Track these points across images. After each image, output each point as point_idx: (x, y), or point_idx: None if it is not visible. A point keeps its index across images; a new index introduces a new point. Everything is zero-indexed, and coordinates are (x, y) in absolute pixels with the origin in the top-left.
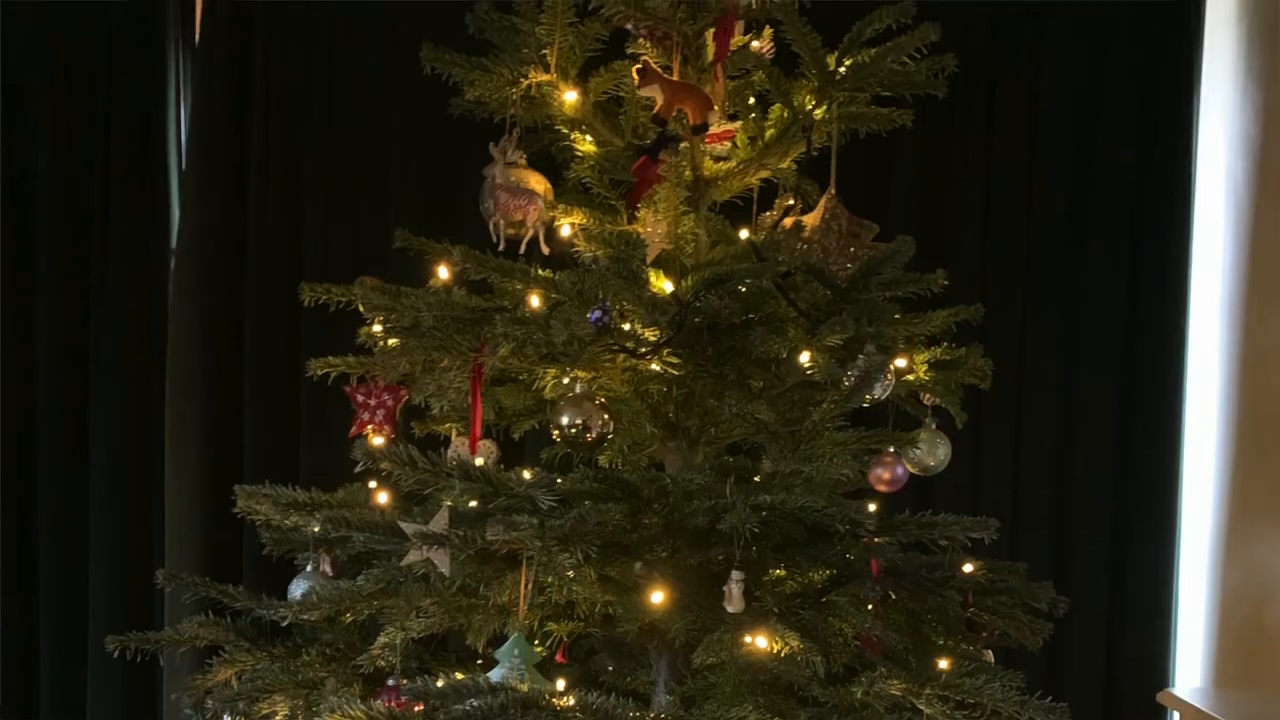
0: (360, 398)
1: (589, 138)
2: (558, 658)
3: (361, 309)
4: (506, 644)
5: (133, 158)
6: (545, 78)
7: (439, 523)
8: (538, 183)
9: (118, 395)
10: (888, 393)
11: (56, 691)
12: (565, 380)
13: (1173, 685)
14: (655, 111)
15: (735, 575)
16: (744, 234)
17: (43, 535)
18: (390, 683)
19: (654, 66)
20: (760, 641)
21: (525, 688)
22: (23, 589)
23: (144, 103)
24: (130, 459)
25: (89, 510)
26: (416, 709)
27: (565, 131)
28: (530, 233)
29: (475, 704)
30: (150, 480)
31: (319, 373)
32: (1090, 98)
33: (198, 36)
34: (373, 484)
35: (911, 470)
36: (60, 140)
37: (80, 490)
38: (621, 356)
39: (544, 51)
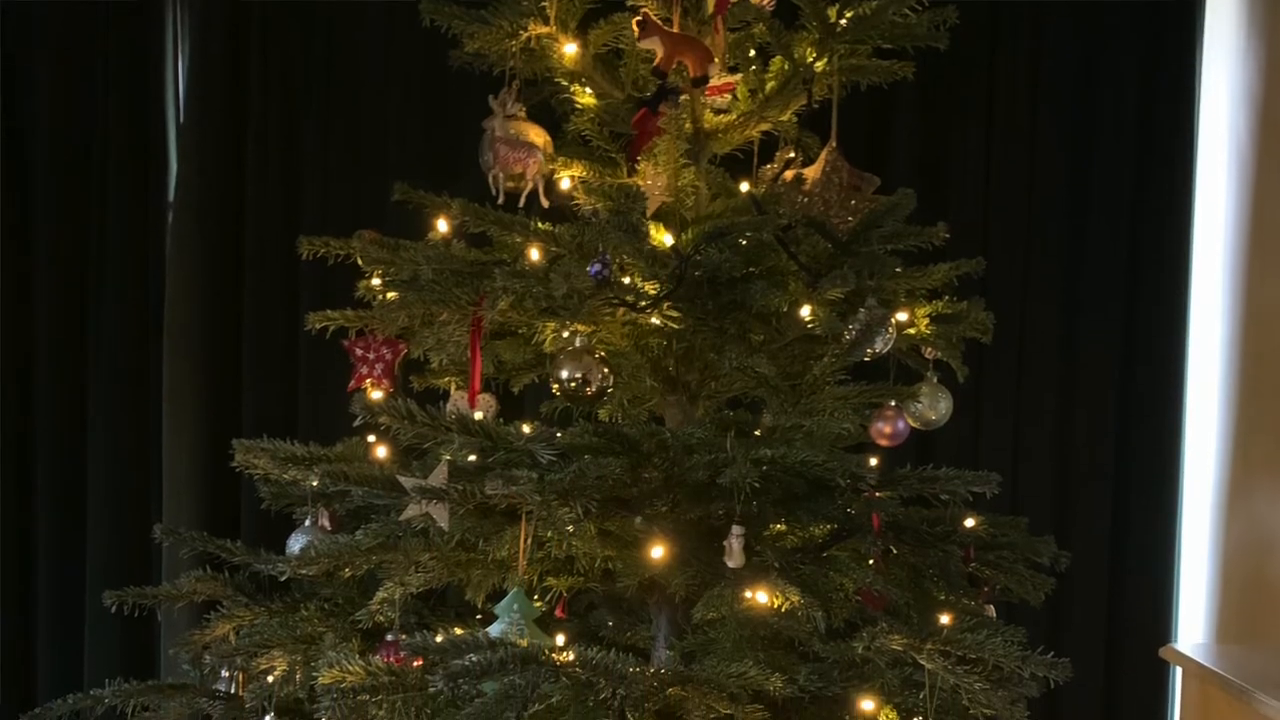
0: (359, 351)
1: (589, 90)
2: (557, 613)
3: (360, 262)
4: (506, 599)
5: (130, 111)
6: (545, 30)
7: (438, 477)
8: (537, 135)
9: (115, 352)
10: (889, 346)
11: (54, 649)
12: (565, 334)
13: (1175, 641)
14: (655, 64)
15: (735, 530)
16: (744, 187)
17: (40, 497)
18: (389, 638)
19: (654, 19)
20: (760, 596)
21: (524, 643)
22: (21, 549)
23: (141, 56)
24: (128, 418)
25: (87, 469)
26: (415, 664)
27: (565, 84)
28: (530, 186)
29: (474, 659)
30: (149, 439)
31: (317, 326)
32: (1092, 51)
33: None
34: (371, 438)
35: (913, 424)
36: (57, 97)
37: (78, 449)
38: (621, 310)
39: (543, 4)
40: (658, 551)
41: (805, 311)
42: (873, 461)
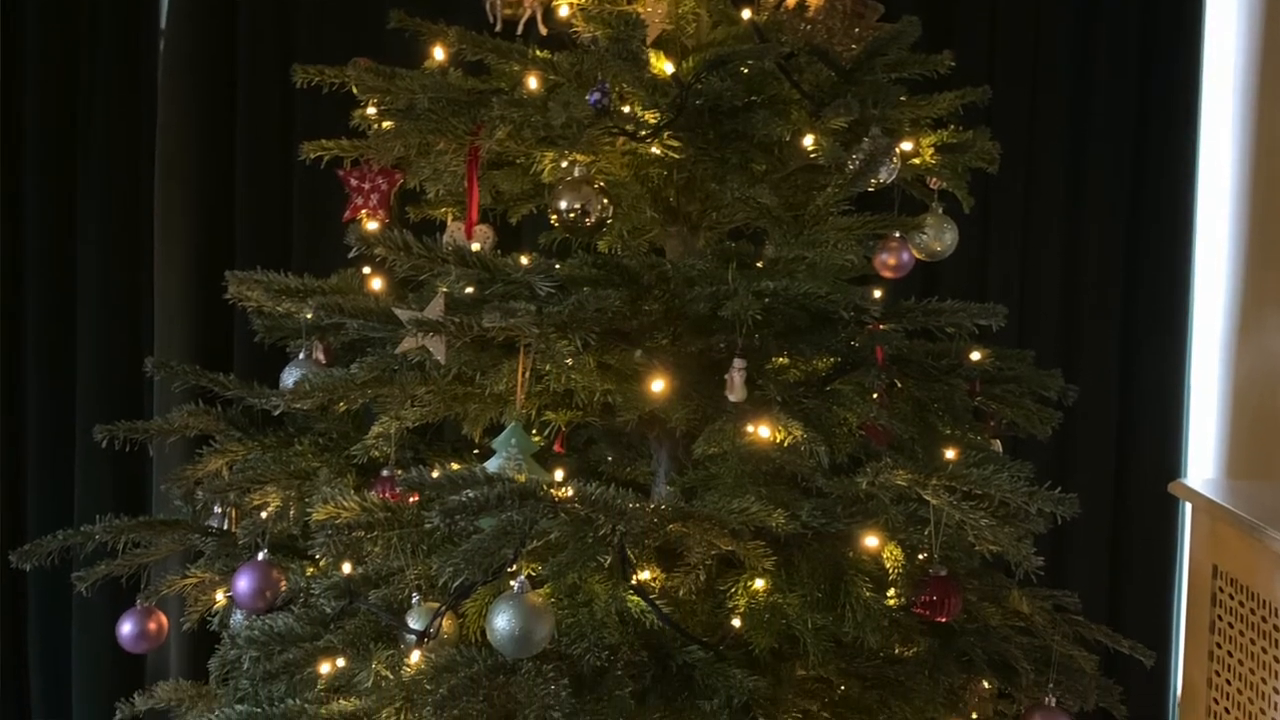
0: (354, 181)
1: None
2: (555, 447)
3: (355, 91)
4: (503, 433)
5: None
6: None
7: (434, 309)
8: None
9: (106, 182)
10: (893, 176)
11: (43, 485)
12: (563, 164)
13: (1184, 476)
14: None
15: (737, 363)
16: (746, 14)
17: (29, 330)
18: (384, 473)
19: None
20: (762, 431)
21: (522, 478)
22: (9, 383)
23: None
24: (119, 251)
25: (76, 301)
26: (411, 500)
27: None
28: (527, 13)
29: (471, 495)
30: (140, 271)
31: (312, 156)
32: None
33: None
34: (367, 269)
35: (918, 256)
36: None
37: (68, 281)
38: (621, 139)
39: None
40: (658, 385)
41: (808, 141)
42: (877, 294)
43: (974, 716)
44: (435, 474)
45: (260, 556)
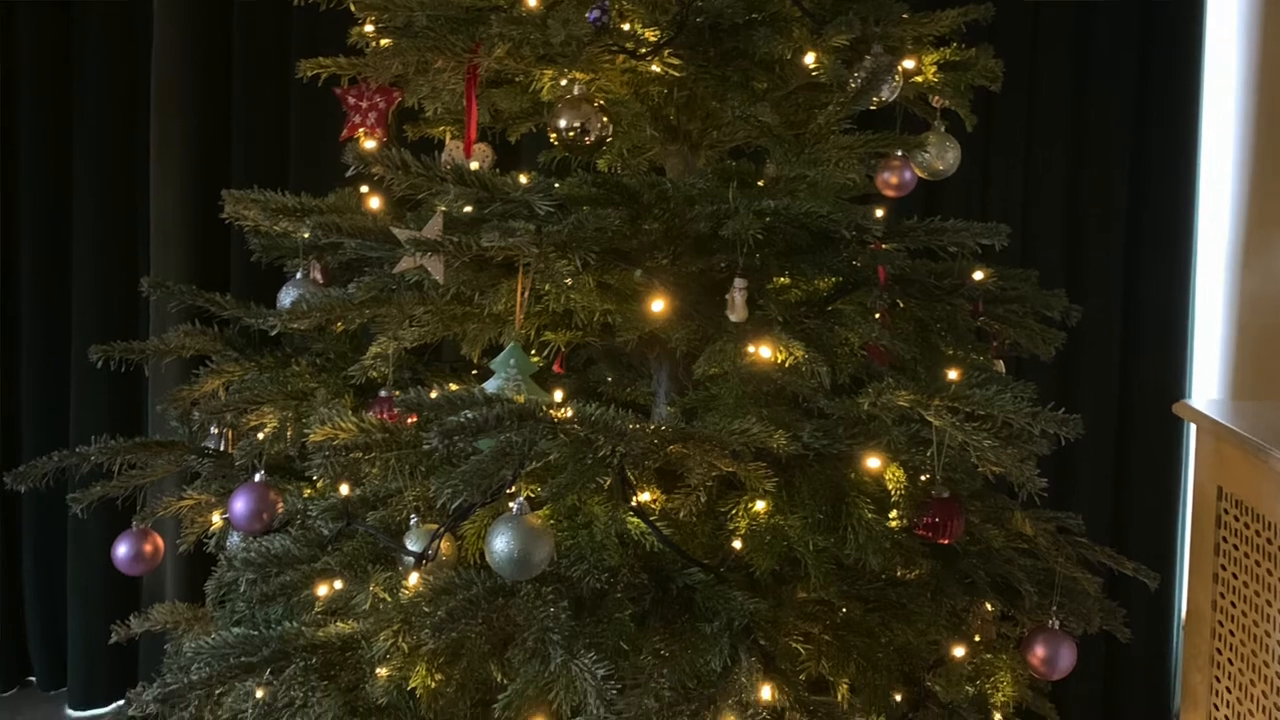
0: (351, 100)
1: None
2: (555, 368)
3: (353, 8)
4: (502, 354)
5: None
6: None
7: (433, 228)
8: None
9: (101, 102)
10: (895, 95)
11: (39, 406)
12: (563, 82)
13: (1189, 397)
14: None
15: (738, 283)
16: None
17: (25, 249)
18: (382, 394)
19: None
20: (764, 351)
21: (521, 399)
22: (3, 303)
23: None
24: (115, 169)
25: (73, 220)
26: (409, 421)
27: None
28: None
29: (470, 416)
30: (136, 189)
31: (309, 74)
32: None
33: None
34: (364, 188)
35: (920, 174)
36: None
37: (63, 199)
38: (621, 57)
39: None
40: (658, 305)
41: (809, 59)
42: (879, 213)
43: (976, 639)
44: (433, 394)
45: (257, 478)
